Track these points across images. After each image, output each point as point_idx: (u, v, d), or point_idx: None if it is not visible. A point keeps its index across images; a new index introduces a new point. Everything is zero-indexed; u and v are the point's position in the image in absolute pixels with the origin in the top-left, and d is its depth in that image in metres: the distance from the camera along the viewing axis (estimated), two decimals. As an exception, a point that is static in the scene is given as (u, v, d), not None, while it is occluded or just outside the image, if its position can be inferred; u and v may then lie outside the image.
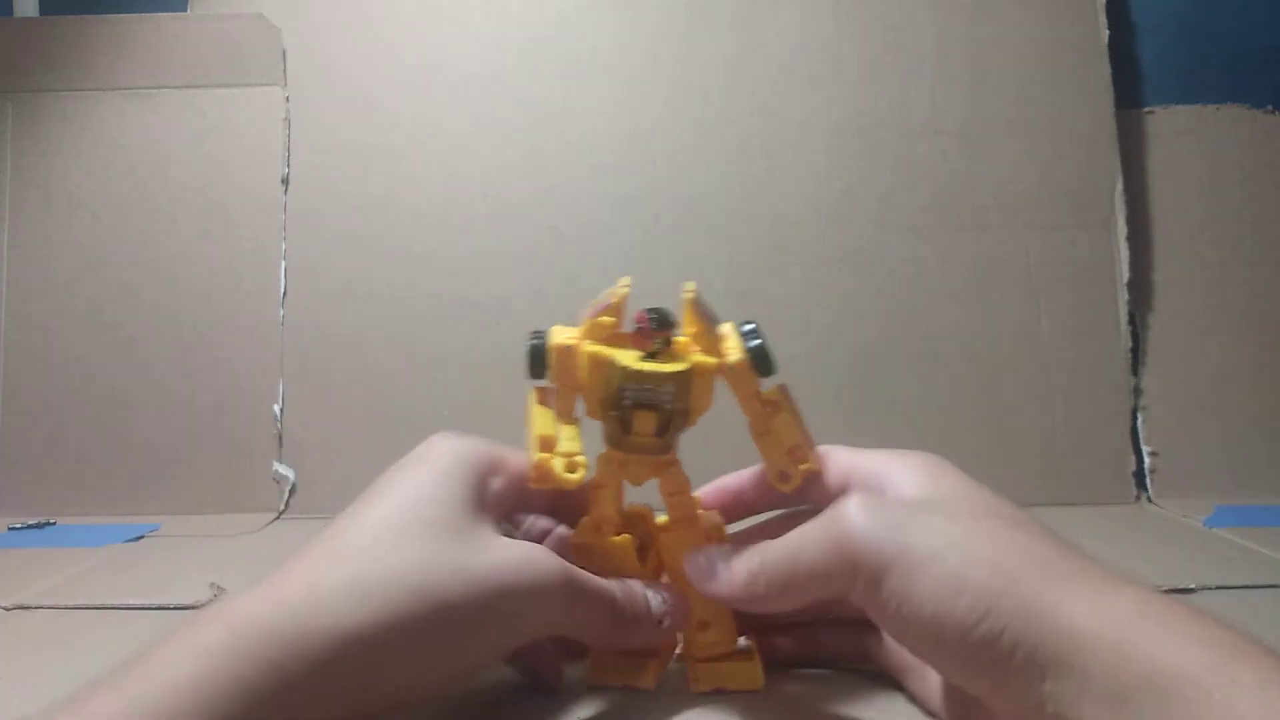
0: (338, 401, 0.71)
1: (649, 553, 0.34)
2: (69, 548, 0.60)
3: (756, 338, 0.31)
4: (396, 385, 0.71)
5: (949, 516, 0.26)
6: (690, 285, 0.32)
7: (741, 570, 0.29)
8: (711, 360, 0.31)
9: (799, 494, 0.32)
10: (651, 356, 0.31)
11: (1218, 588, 0.46)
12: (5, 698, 0.35)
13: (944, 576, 0.23)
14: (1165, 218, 0.75)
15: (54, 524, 0.67)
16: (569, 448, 0.32)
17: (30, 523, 0.67)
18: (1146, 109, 0.76)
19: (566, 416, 0.33)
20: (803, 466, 0.32)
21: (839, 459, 0.32)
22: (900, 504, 0.27)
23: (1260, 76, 0.76)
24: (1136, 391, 0.72)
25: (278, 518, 0.68)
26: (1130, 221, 0.73)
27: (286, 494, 0.70)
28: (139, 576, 0.52)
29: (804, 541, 0.27)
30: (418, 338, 0.71)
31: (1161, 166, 0.75)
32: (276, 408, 0.71)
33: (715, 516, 0.34)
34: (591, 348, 0.31)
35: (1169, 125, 0.76)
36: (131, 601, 0.47)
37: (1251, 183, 0.75)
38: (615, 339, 0.32)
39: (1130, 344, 0.72)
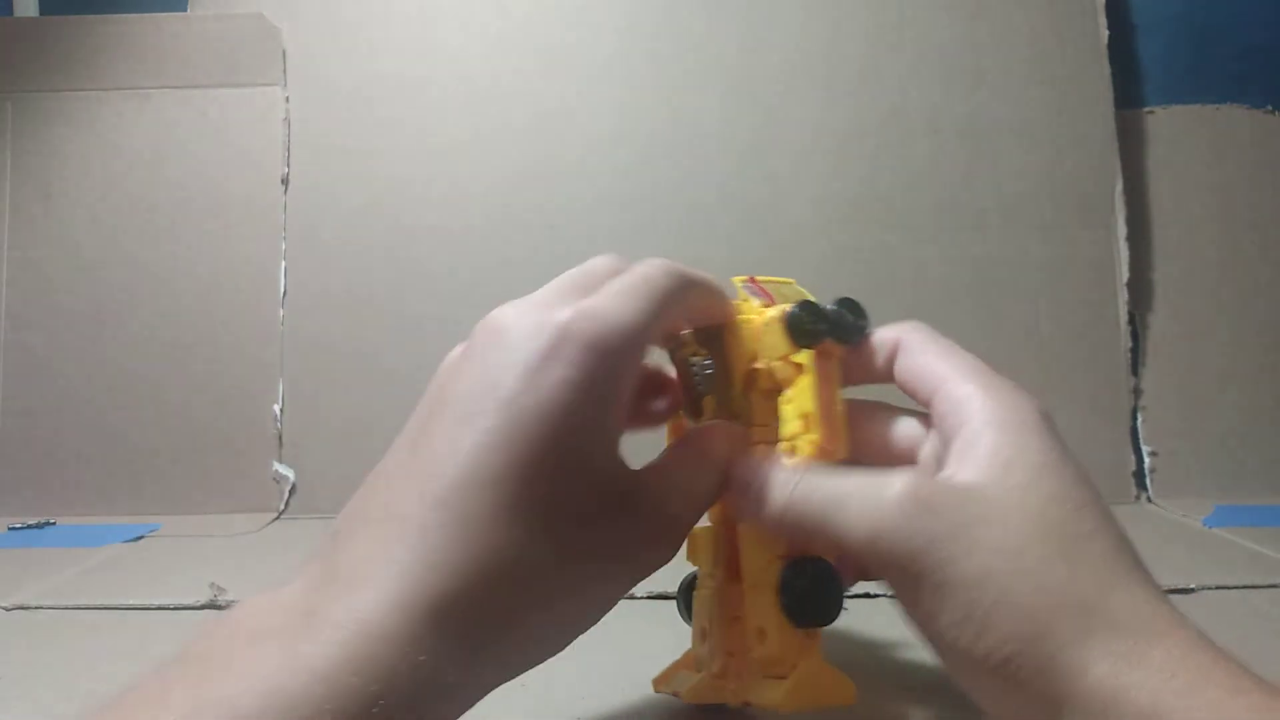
0: (338, 401, 0.71)
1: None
2: (69, 548, 0.60)
3: (807, 308, 0.29)
4: (396, 385, 0.71)
5: (999, 529, 0.23)
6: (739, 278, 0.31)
7: (780, 494, 0.26)
8: (750, 316, 0.30)
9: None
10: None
11: (1217, 587, 0.46)
12: (5, 698, 0.35)
13: (974, 612, 0.22)
14: (1165, 218, 0.75)
15: (54, 524, 0.67)
16: None
17: (30, 523, 0.67)
18: (1146, 109, 0.76)
19: None
20: (808, 436, 0.28)
21: (931, 367, 0.28)
22: (952, 503, 0.24)
23: (1260, 76, 0.76)
24: (1136, 391, 0.72)
25: (277, 518, 0.68)
26: (1130, 221, 0.73)
27: (286, 494, 0.70)
28: (139, 576, 0.52)
29: (847, 500, 0.25)
30: (418, 338, 0.71)
31: (1161, 166, 0.75)
32: (276, 408, 0.71)
33: None
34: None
35: (1169, 125, 0.76)
36: (131, 601, 0.47)
37: (1251, 183, 0.75)
38: None
39: (1130, 344, 0.72)
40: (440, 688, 0.21)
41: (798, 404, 0.28)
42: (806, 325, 0.28)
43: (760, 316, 0.30)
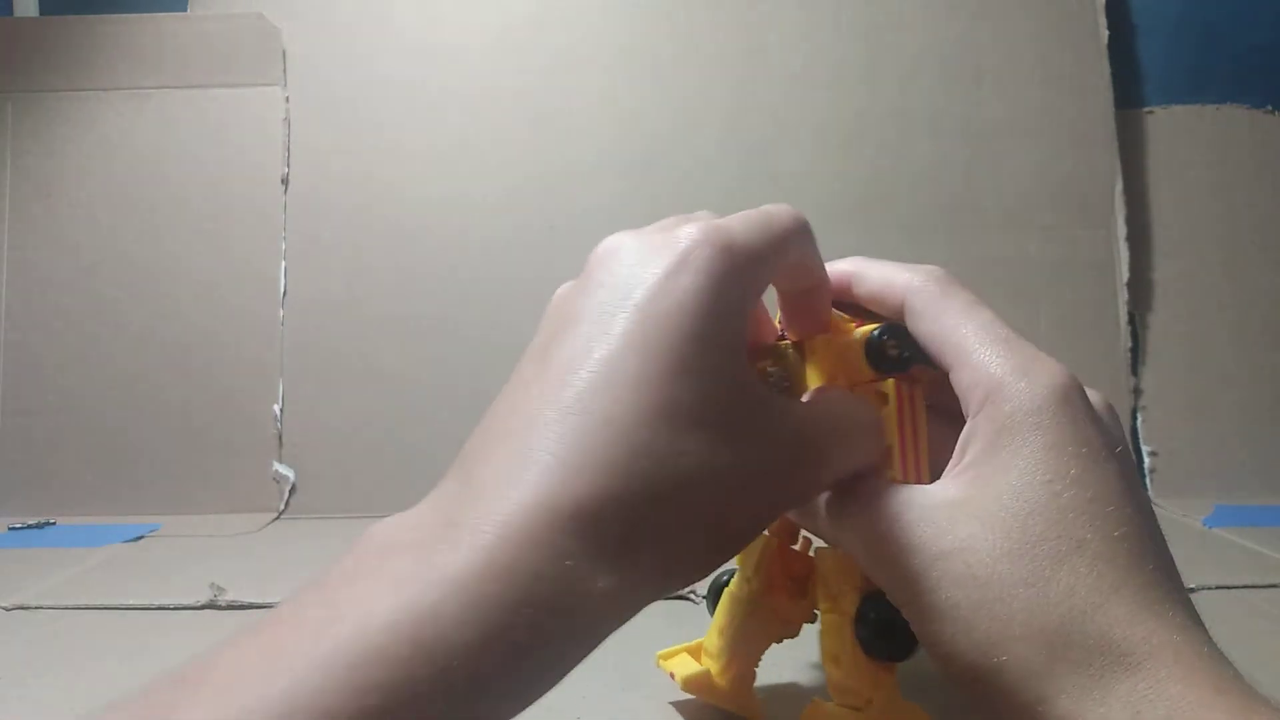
0: (337, 401, 0.71)
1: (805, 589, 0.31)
2: (69, 548, 0.60)
3: (893, 333, 0.26)
4: (396, 385, 0.71)
5: (966, 561, 0.22)
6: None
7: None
8: (833, 335, 0.28)
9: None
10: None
11: (1218, 587, 0.46)
12: (5, 698, 0.35)
13: (940, 640, 0.23)
14: (1165, 218, 0.75)
15: (54, 524, 0.67)
16: None
17: (30, 523, 0.67)
18: (1146, 109, 0.76)
19: None
20: (887, 473, 0.26)
21: (948, 336, 0.26)
22: (925, 538, 0.23)
23: (1260, 76, 0.76)
24: (1136, 391, 0.72)
25: (277, 518, 0.68)
26: (1130, 221, 0.73)
27: (286, 494, 0.70)
28: (139, 576, 0.52)
29: (845, 530, 0.25)
30: (417, 338, 0.71)
31: (1161, 166, 0.75)
32: (276, 408, 0.71)
33: None
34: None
35: (1169, 125, 0.76)
36: (131, 601, 0.47)
37: (1251, 183, 0.75)
38: None
39: (1130, 344, 0.72)
40: (590, 596, 0.19)
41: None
42: (892, 352, 0.26)
43: (840, 336, 0.28)
